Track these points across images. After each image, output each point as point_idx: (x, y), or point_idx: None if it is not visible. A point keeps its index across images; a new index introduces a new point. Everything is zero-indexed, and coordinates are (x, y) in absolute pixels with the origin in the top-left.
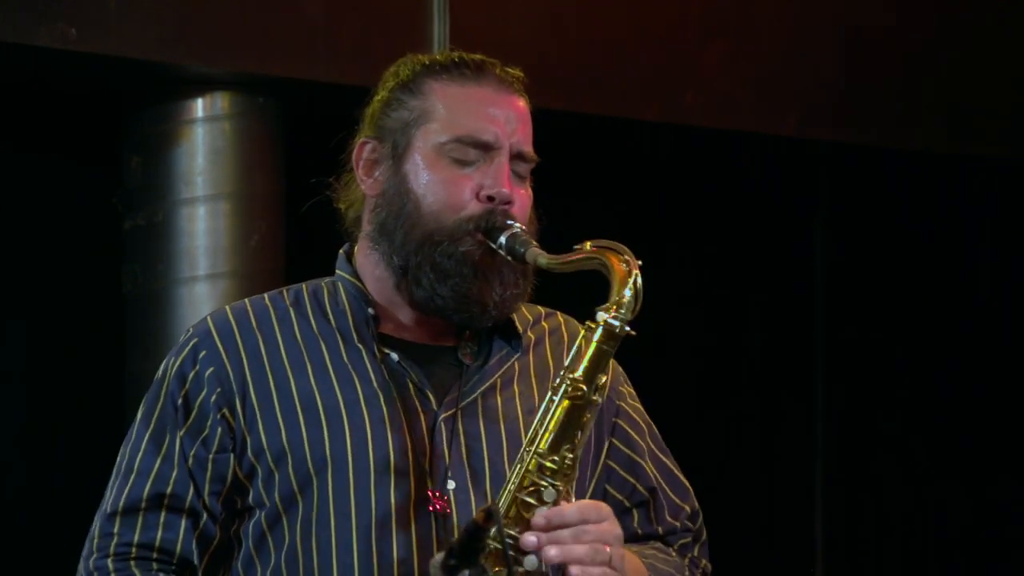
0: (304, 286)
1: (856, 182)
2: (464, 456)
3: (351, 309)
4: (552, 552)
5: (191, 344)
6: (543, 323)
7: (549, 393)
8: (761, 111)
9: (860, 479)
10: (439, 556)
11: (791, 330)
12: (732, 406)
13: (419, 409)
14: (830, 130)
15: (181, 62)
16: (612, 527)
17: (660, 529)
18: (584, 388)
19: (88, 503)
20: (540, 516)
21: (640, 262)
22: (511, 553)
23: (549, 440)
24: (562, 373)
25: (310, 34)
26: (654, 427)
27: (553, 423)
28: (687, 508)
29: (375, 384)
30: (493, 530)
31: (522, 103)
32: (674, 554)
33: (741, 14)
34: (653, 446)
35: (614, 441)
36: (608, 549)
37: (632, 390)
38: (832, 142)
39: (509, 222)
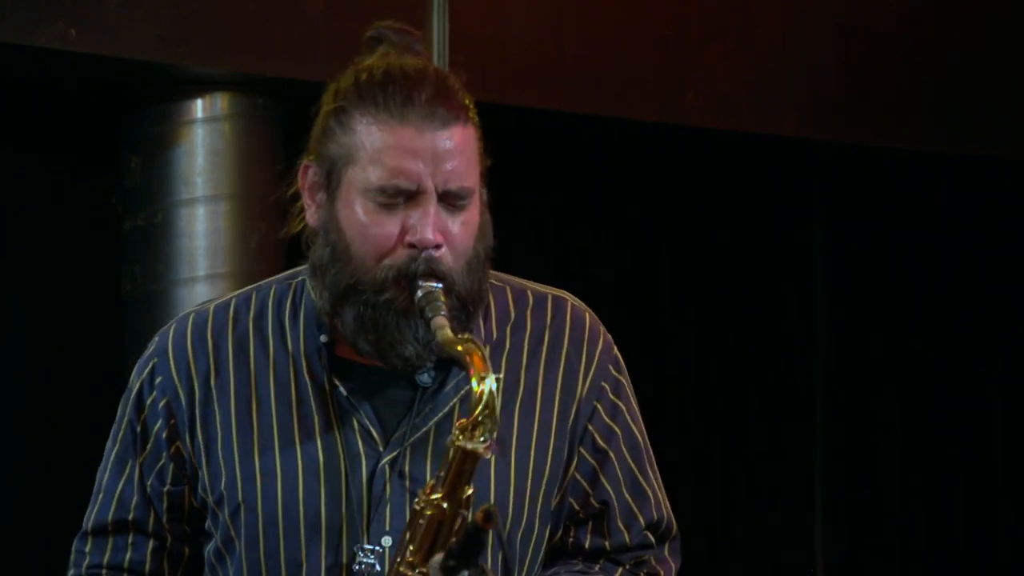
0: (272, 291)
1: (856, 182)
2: (407, 503)
3: (304, 336)
4: None
5: (151, 365)
6: (527, 316)
7: (412, 511)
8: (761, 111)
9: (860, 478)
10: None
11: (791, 330)
12: (732, 405)
13: (362, 452)
14: (830, 130)
15: (181, 63)
16: None
17: (608, 543)
18: (446, 506)
19: (87, 504)
20: None
21: (498, 376)
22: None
23: (421, 553)
24: (424, 491)
25: (310, 35)
26: (632, 424)
27: (419, 536)
28: (641, 519)
29: (316, 430)
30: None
31: (453, 133)
32: (619, 571)
33: (741, 14)
34: (625, 450)
35: (582, 451)
36: None
37: (620, 378)
38: (832, 142)
39: (422, 282)
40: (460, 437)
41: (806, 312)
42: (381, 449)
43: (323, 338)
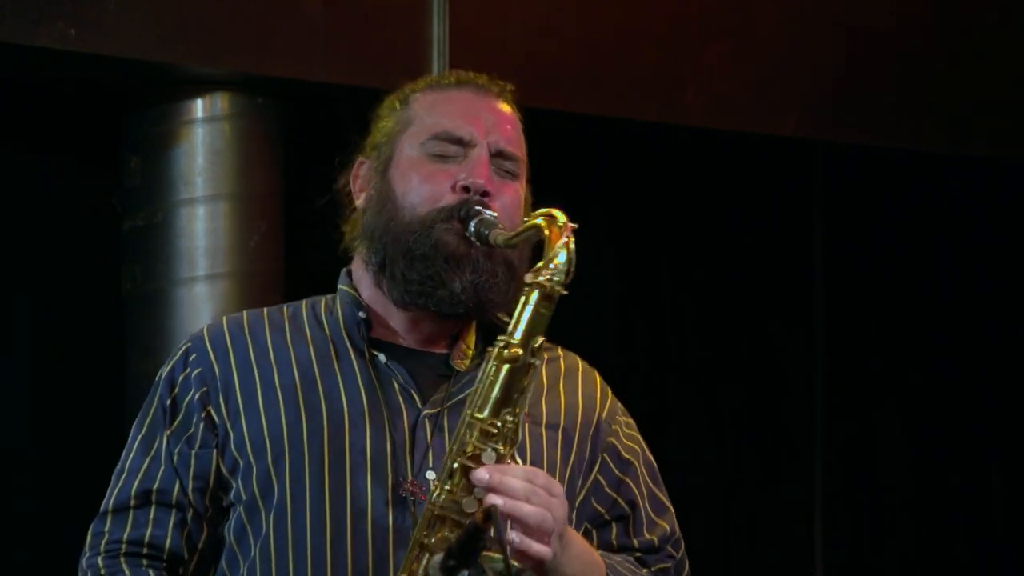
0: (304, 302)
1: (856, 182)
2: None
3: (343, 315)
4: (498, 500)
5: (183, 349)
6: (543, 352)
7: (486, 357)
8: (761, 111)
9: (860, 478)
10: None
11: (790, 330)
12: (731, 406)
13: (403, 407)
14: (830, 130)
15: (180, 62)
16: (562, 503)
17: (636, 542)
18: (520, 352)
19: (87, 504)
20: (483, 470)
21: (575, 226)
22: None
23: (489, 405)
24: (499, 337)
25: (310, 35)
26: (649, 456)
27: (492, 388)
28: (665, 526)
29: (359, 381)
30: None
31: (504, 106)
32: (644, 572)
33: (741, 14)
34: (644, 471)
35: (606, 457)
36: (552, 520)
37: (630, 420)
38: (832, 142)
39: (479, 208)
40: (536, 276)
41: (805, 312)
42: (420, 406)
43: (361, 314)
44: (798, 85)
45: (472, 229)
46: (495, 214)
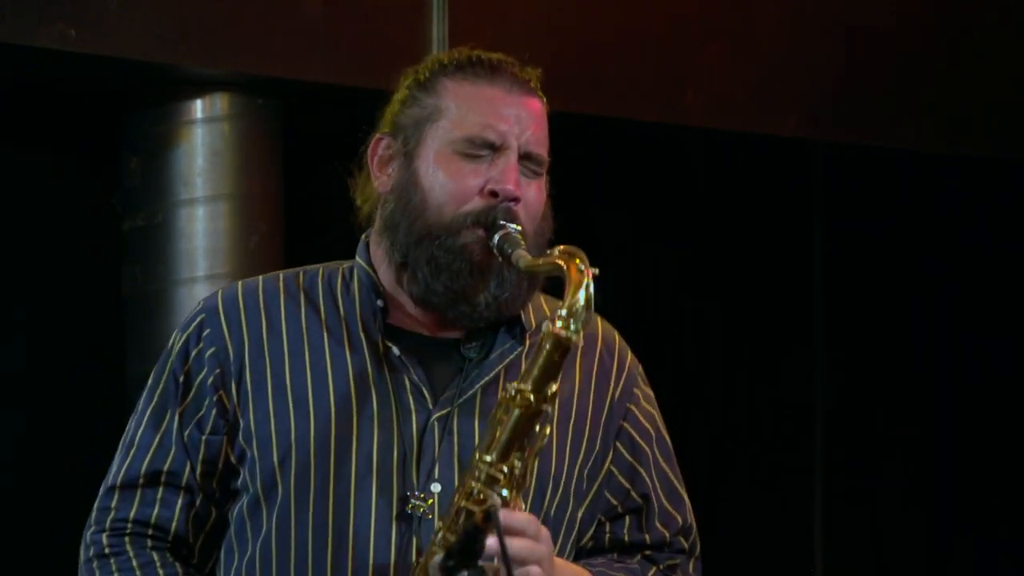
0: (321, 270)
1: (855, 182)
2: (456, 456)
3: (360, 299)
4: None
5: (198, 320)
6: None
7: (499, 402)
8: (761, 111)
9: (860, 478)
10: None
11: (790, 330)
12: (731, 405)
13: (412, 408)
14: (829, 130)
15: (180, 63)
16: (543, 547)
17: (648, 537)
18: (532, 399)
19: (88, 504)
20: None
21: (595, 270)
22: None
23: (498, 449)
24: (512, 384)
25: (309, 35)
26: (663, 432)
27: (503, 433)
28: (679, 519)
29: (371, 380)
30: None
31: (536, 103)
32: (653, 570)
33: (741, 14)
34: (659, 454)
35: (618, 446)
36: (536, 570)
37: (649, 391)
38: (831, 142)
39: (503, 222)
40: (554, 325)
41: (805, 312)
42: (431, 407)
43: (379, 303)
44: (798, 85)
45: (496, 242)
46: (519, 228)
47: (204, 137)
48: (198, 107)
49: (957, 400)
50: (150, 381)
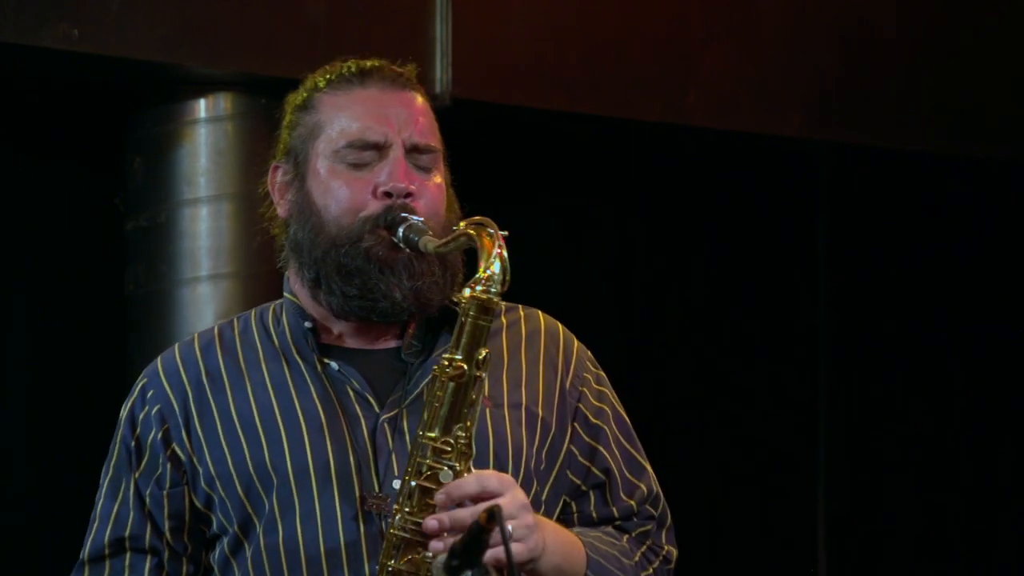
0: (253, 312)
1: (858, 183)
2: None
3: (290, 326)
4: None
5: (140, 385)
6: (502, 318)
7: (431, 378)
8: (762, 111)
9: (863, 478)
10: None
11: (794, 330)
12: (734, 405)
13: (360, 414)
14: (831, 130)
15: (183, 63)
16: (514, 498)
17: (615, 511)
18: (464, 367)
19: (90, 506)
20: (440, 493)
21: (505, 233)
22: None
23: (439, 423)
24: (443, 356)
25: (312, 35)
26: (620, 409)
27: (442, 407)
28: (643, 487)
29: (314, 395)
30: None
31: (413, 96)
32: (624, 539)
33: (742, 14)
34: (616, 429)
35: (576, 427)
36: (511, 523)
37: (600, 372)
38: (833, 143)
39: (405, 215)
40: (471, 290)
41: (809, 313)
42: (378, 411)
43: (307, 324)
44: (800, 85)
45: (401, 235)
46: (421, 218)
47: (207, 137)
48: (201, 107)
49: (961, 400)
50: (107, 455)
